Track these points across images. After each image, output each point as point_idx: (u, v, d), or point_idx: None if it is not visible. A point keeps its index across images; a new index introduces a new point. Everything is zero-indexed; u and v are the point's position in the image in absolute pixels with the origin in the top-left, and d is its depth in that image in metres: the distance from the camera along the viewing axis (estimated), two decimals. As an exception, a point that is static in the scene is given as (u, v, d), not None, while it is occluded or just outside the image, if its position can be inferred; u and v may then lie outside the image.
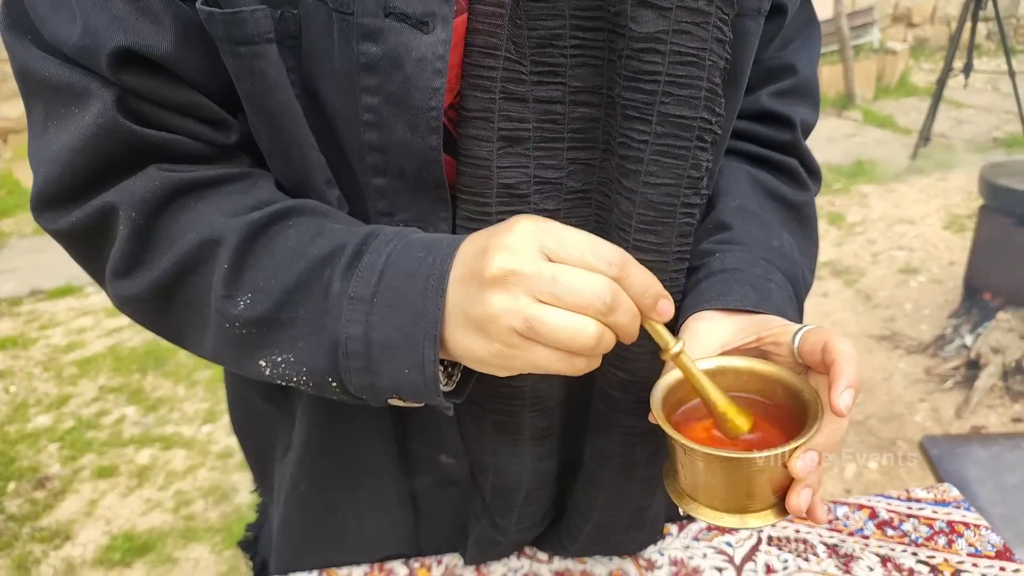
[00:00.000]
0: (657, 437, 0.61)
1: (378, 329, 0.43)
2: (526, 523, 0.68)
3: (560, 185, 0.51)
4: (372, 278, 0.43)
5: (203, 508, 2.00)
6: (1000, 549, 0.69)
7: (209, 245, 0.46)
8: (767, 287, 0.52)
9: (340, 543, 0.76)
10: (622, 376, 0.57)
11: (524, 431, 0.59)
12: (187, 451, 2.21)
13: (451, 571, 0.72)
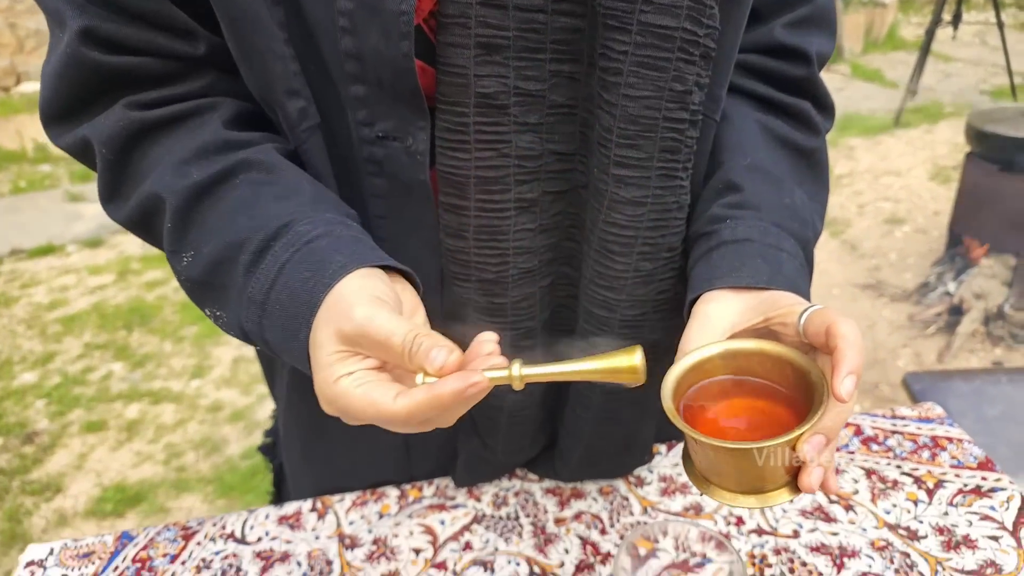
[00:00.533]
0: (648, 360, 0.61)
1: (268, 332, 0.46)
2: (515, 444, 0.68)
3: (542, 98, 0.50)
4: (266, 284, 0.45)
5: (194, 460, 2.01)
6: (982, 461, 0.71)
7: (157, 201, 0.49)
8: (778, 258, 0.51)
9: (333, 465, 0.77)
10: (606, 295, 0.56)
11: (505, 350, 0.59)
12: (176, 405, 2.21)
13: (442, 492, 0.73)
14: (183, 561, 0.68)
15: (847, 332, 0.41)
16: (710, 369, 0.46)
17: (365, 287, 0.43)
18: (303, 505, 0.73)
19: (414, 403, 0.39)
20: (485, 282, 0.56)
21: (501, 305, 0.57)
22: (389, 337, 0.40)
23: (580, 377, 0.41)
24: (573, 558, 0.65)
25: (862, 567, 0.62)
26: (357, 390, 0.40)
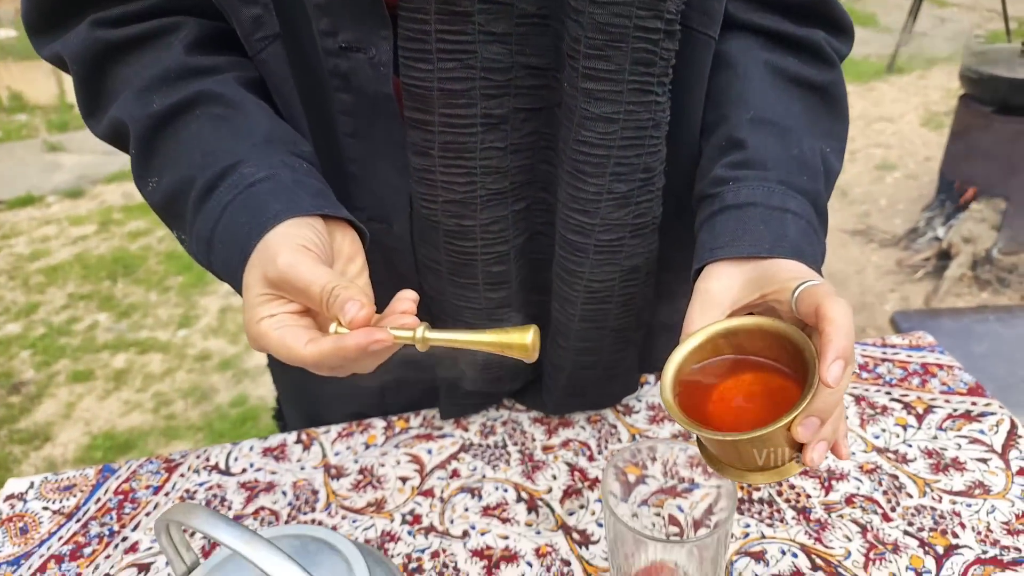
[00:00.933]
0: (626, 288, 0.60)
1: (216, 266, 0.48)
2: (494, 372, 0.67)
3: (510, 6, 0.47)
4: (210, 223, 0.47)
5: (183, 408, 2.01)
6: (972, 387, 0.70)
7: (122, 127, 0.51)
8: (783, 221, 0.48)
9: (313, 398, 0.76)
10: (580, 219, 0.54)
11: (478, 276, 0.58)
12: (163, 355, 2.20)
13: (429, 423, 0.72)
14: (166, 492, 0.67)
15: (835, 315, 0.40)
16: (711, 349, 0.45)
17: (293, 235, 0.44)
18: (288, 437, 0.72)
19: (319, 351, 0.41)
20: (452, 203, 0.54)
21: (469, 228, 0.55)
22: (309, 286, 0.41)
23: (477, 347, 0.43)
24: (561, 483, 0.65)
25: (850, 489, 0.62)
26: (275, 332, 0.42)
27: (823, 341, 0.39)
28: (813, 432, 0.39)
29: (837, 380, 0.38)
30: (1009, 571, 0.54)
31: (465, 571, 0.58)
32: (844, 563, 0.56)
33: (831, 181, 0.55)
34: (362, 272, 0.48)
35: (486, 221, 0.55)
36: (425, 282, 0.61)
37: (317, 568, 0.46)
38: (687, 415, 0.44)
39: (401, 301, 0.44)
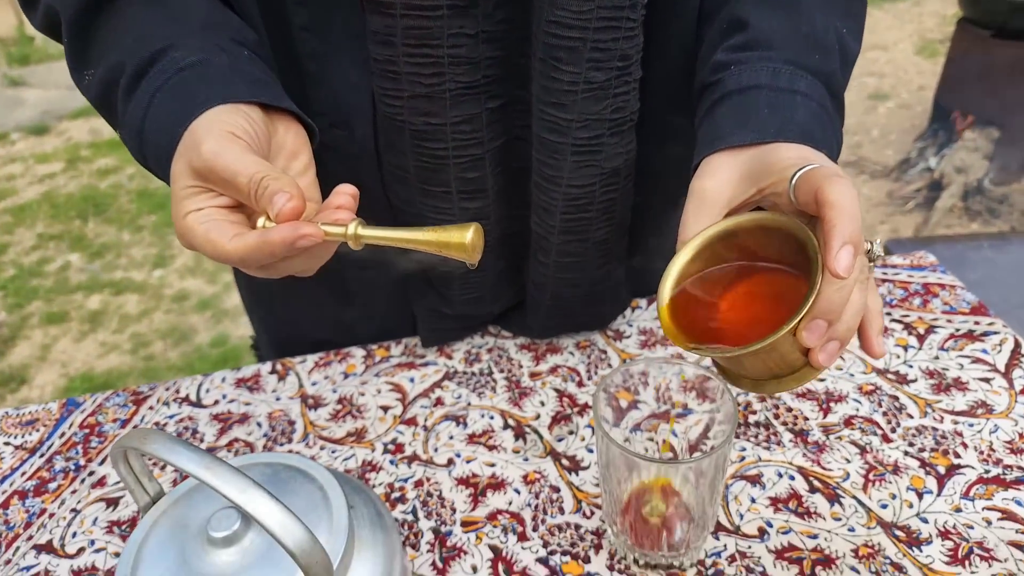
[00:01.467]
0: (607, 193, 0.56)
1: (150, 161, 0.44)
2: (472, 293, 0.63)
3: None
4: (140, 113, 0.43)
5: (162, 349, 1.97)
6: (975, 306, 0.68)
7: (54, 14, 0.47)
8: (791, 104, 0.44)
9: (279, 324, 0.73)
10: (556, 114, 0.50)
11: (451, 183, 0.54)
12: (139, 295, 2.14)
13: (411, 351, 0.69)
14: (135, 425, 0.64)
15: (836, 197, 0.35)
16: (710, 256, 0.41)
17: (221, 121, 0.39)
18: (262, 368, 0.69)
19: (245, 246, 0.38)
20: (418, 98, 0.49)
21: (439, 128, 0.51)
22: (235, 176, 0.38)
23: (414, 245, 0.39)
24: (549, 410, 0.62)
25: (849, 411, 0.59)
26: (200, 227, 0.39)
27: (825, 228, 0.34)
28: (820, 336, 0.36)
29: (848, 269, 0.33)
30: (1012, 490, 0.52)
31: (450, 499, 0.55)
32: (843, 484, 0.54)
33: (848, 63, 0.50)
34: (307, 170, 0.44)
35: (457, 119, 0.51)
36: (392, 193, 0.57)
37: (290, 496, 0.43)
38: (690, 331, 0.40)
39: (338, 195, 0.40)
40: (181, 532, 0.41)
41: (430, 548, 0.52)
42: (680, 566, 0.49)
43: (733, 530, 0.51)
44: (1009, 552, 0.49)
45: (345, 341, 0.70)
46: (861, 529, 0.51)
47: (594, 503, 0.54)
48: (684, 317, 0.41)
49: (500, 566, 0.51)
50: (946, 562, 0.48)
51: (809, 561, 0.49)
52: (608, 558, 0.50)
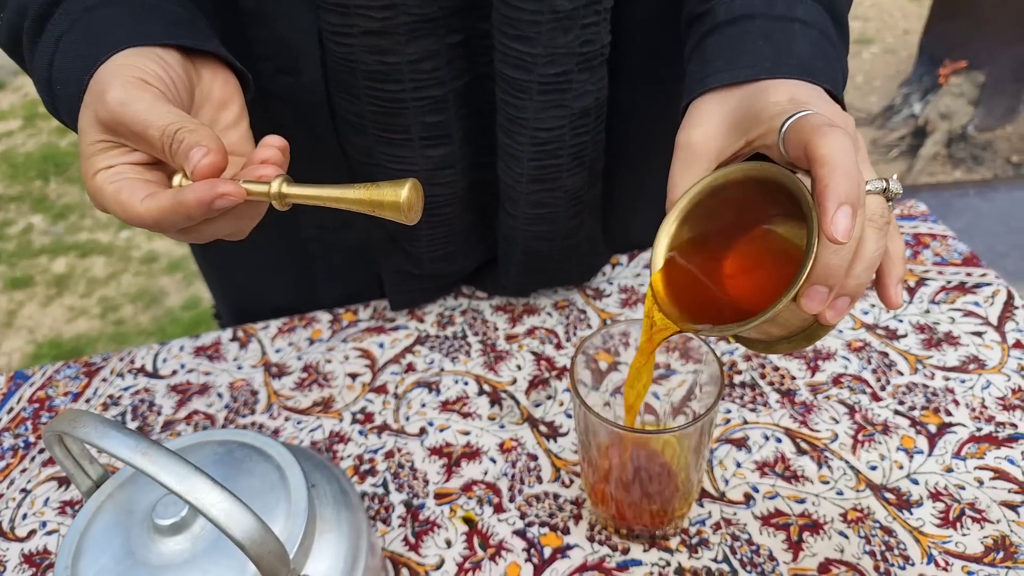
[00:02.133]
0: (577, 136, 0.51)
1: (63, 115, 0.40)
2: (441, 250, 0.60)
3: None
4: (46, 60, 0.39)
5: (132, 313, 1.91)
6: (967, 256, 0.65)
7: None
8: (787, 33, 0.39)
9: (237, 288, 0.69)
10: (519, 48, 0.46)
11: (411, 129, 0.50)
12: (107, 258, 2.08)
13: (380, 314, 0.65)
14: (87, 399, 0.61)
15: (828, 151, 0.31)
16: (701, 215, 0.37)
17: (129, 67, 0.35)
18: (222, 335, 0.65)
19: (158, 207, 0.34)
20: (371, 34, 0.45)
21: (394, 67, 0.46)
22: (145, 129, 0.33)
23: (345, 205, 0.35)
24: (526, 374, 0.59)
25: (837, 369, 0.57)
26: (110, 186, 0.35)
27: (818, 189, 0.31)
28: (822, 302, 0.32)
29: (847, 232, 0.30)
30: (1004, 448, 0.51)
31: (423, 470, 0.53)
32: (831, 446, 0.52)
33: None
34: (239, 122, 0.40)
35: (415, 57, 0.46)
36: (348, 143, 0.53)
37: (244, 478, 0.40)
38: (688, 305, 0.37)
39: (263, 148, 0.36)
40: (126, 519, 0.38)
41: (402, 523, 0.50)
42: (663, 535, 0.47)
43: (718, 496, 0.49)
44: (1001, 513, 0.47)
45: (309, 307, 0.66)
46: (850, 492, 0.49)
47: (573, 471, 0.52)
48: (679, 290, 0.38)
49: (475, 540, 0.48)
50: (937, 524, 0.47)
51: (796, 527, 0.47)
52: (588, 528, 0.48)
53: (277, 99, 0.50)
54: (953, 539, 0.46)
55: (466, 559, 0.47)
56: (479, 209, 0.59)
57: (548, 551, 0.47)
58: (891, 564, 0.45)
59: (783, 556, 0.46)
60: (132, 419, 0.58)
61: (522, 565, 0.47)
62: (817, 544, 0.46)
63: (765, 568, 0.45)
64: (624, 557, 0.46)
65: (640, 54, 0.52)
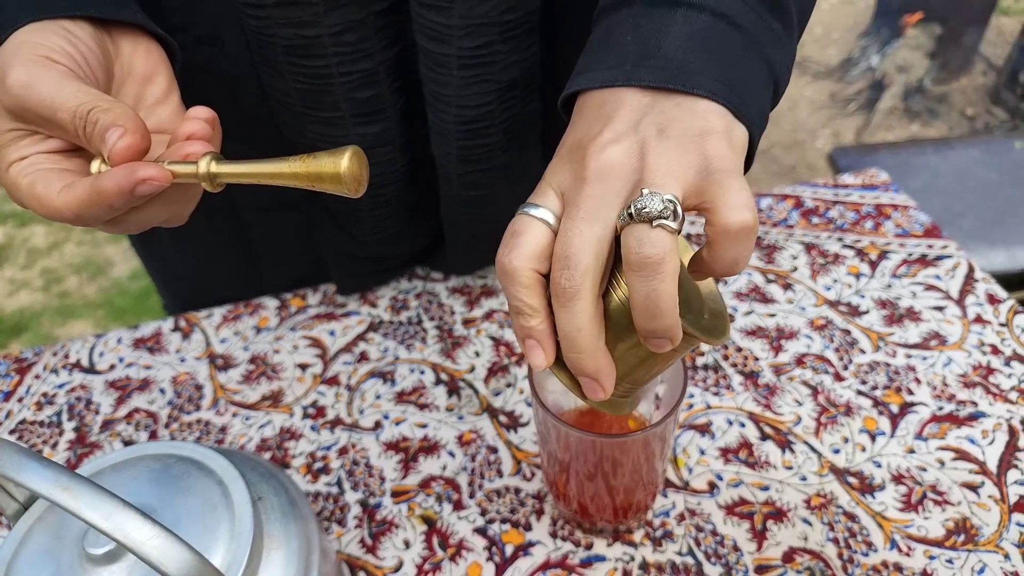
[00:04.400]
0: (507, 111, 0.48)
1: None
2: (386, 231, 0.56)
3: None
4: None
5: (77, 284, 1.84)
6: (928, 228, 0.65)
7: None
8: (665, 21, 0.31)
9: (179, 278, 0.65)
10: (435, 20, 0.42)
11: (340, 105, 0.46)
12: (47, 227, 1.99)
13: (330, 299, 0.62)
14: (20, 398, 0.57)
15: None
16: None
17: (30, 44, 0.31)
18: (163, 325, 0.61)
19: (76, 199, 0.31)
20: (285, 5, 0.41)
21: (315, 40, 0.43)
22: (54, 112, 0.30)
23: (282, 181, 0.31)
24: (485, 361, 0.57)
25: (800, 348, 0.56)
26: (24, 180, 0.32)
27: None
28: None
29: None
30: (965, 427, 0.51)
31: (379, 467, 0.51)
32: (794, 430, 0.51)
33: None
34: (168, 97, 0.36)
35: (336, 28, 0.42)
36: (281, 121, 0.49)
37: (184, 496, 0.37)
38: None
39: (189, 122, 0.33)
40: (57, 546, 0.36)
41: (358, 523, 0.48)
42: (627, 529, 0.46)
43: (682, 486, 0.48)
44: (962, 495, 0.47)
45: (255, 295, 0.63)
46: (813, 477, 0.48)
47: (534, 463, 0.50)
48: None
49: (435, 539, 0.47)
50: (899, 508, 0.46)
51: (760, 515, 0.47)
52: (551, 524, 0.47)
53: (203, 72, 0.46)
54: (915, 523, 0.46)
55: (425, 560, 0.46)
56: (423, 185, 0.56)
57: (510, 549, 0.46)
58: (854, 551, 0.45)
59: (747, 546, 0.45)
60: (68, 419, 0.55)
61: (483, 565, 0.45)
62: (781, 532, 0.46)
63: (730, 559, 0.45)
64: (588, 553, 0.45)
65: (579, 15, 0.48)
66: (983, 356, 0.55)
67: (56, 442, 0.54)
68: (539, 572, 0.45)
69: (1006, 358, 0.55)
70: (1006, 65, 2.09)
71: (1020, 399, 0.52)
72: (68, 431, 0.54)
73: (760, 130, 0.32)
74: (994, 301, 0.58)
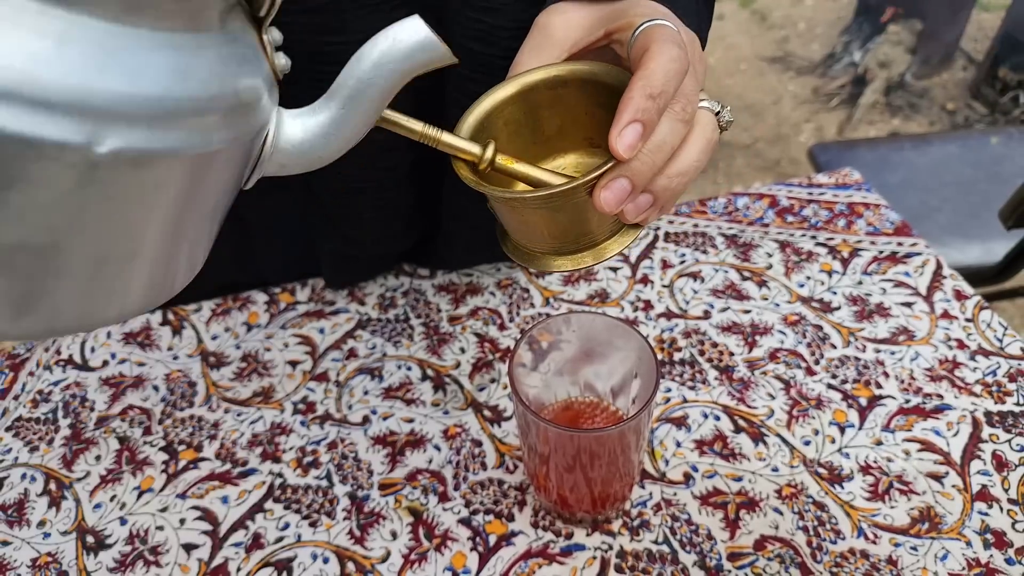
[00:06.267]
0: None
1: None
2: (383, 232, 0.58)
3: None
4: None
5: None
6: (899, 226, 0.67)
7: None
8: None
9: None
10: (487, 20, 0.44)
11: None
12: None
13: (319, 296, 0.64)
14: (15, 396, 0.58)
15: (654, 65, 0.30)
16: (534, 103, 0.36)
17: None
18: (151, 319, 0.62)
19: None
20: (314, 12, 0.42)
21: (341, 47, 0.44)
22: None
23: (546, 192, 0.32)
24: (470, 357, 0.59)
25: (774, 343, 0.58)
26: None
27: (623, 98, 0.31)
28: (618, 200, 0.32)
29: (629, 148, 0.30)
30: (931, 419, 0.53)
31: (367, 461, 0.52)
32: (767, 422, 0.53)
33: None
34: None
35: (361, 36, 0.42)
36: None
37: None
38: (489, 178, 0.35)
39: None
40: None
41: (347, 515, 0.49)
42: (606, 519, 0.48)
43: (658, 477, 0.50)
44: (927, 484, 0.49)
45: (249, 277, 0.64)
46: (784, 468, 0.50)
47: (517, 456, 0.52)
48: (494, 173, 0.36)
49: (421, 530, 0.48)
50: (866, 498, 0.49)
51: (734, 505, 0.49)
52: (532, 515, 0.49)
53: None
54: (881, 512, 0.48)
55: (412, 550, 0.48)
56: (423, 185, 0.57)
57: (493, 539, 0.48)
58: (823, 539, 0.47)
59: (721, 535, 0.47)
60: (64, 416, 0.56)
61: (467, 554, 0.47)
62: (753, 521, 0.48)
63: (704, 547, 0.47)
64: (568, 542, 0.47)
65: None
66: (949, 351, 0.57)
67: (52, 439, 0.55)
68: (521, 561, 0.47)
69: (971, 352, 0.57)
70: (985, 60, 2.12)
71: (984, 392, 0.54)
72: (63, 428, 0.55)
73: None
74: (961, 297, 0.61)
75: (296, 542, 0.48)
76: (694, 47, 0.35)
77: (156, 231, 0.23)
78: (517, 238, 0.36)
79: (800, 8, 2.56)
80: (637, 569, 0.46)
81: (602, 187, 0.31)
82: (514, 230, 0.36)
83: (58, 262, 0.21)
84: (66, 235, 0.21)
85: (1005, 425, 0.52)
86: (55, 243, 0.21)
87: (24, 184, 0.19)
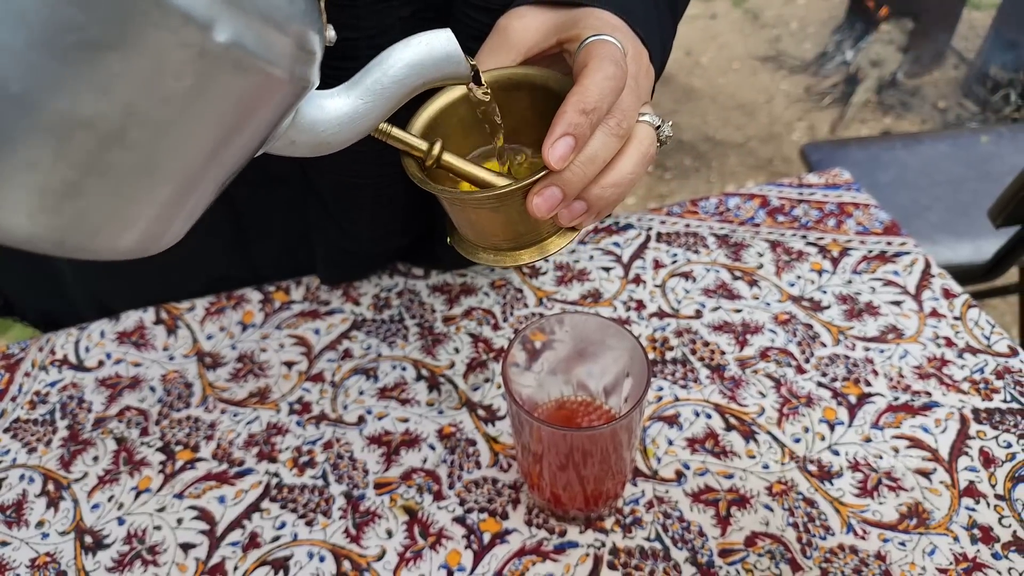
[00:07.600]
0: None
1: None
2: (382, 229, 0.59)
3: None
4: None
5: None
6: (888, 225, 0.68)
7: None
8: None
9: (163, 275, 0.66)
10: (486, 20, 0.44)
11: None
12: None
13: (313, 295, 0.64)
14: (13, 397, 0.58)
15: (589, 82, 0.32)
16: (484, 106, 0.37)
17: None
18: (144, 317, 0.63)
19: None
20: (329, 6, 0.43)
21: (352, 43, 0.44)
22: None
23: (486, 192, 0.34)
24: (464, 357, 0.59)
25: (765, 342, 0.59)
26: None
27: (558, 111, 0.32)
28: (551, 205, 0.33)
29: (560, 160, 0.32)
30: (919, 416, 0.54)
31: (362, 460, 0.53)
32: (758, 420, 0.54)
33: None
34: None
35: (373, 31, 0.45)
36: None
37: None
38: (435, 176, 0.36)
39: None
40: None
41: (342, 514, 0.50)
42: (598, 516, 0.49)
43: (651, 475, 0.51)
44: (915, 480, 0.50)
45: (244, 271, 0.64)
46: (775, 466, 0.51)
47: (511, 455, 0.53)
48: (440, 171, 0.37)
49: (416, 528, 0.49)
50: (856, 495, 0.49)
51: (725, 502, 0.49)
52: (526, 512, 0.49)
53: None
54: (870, 508, 0.49)
55: (407, 548, 0.48)
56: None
57: (487, 537, 0.48)
58: (813, 535, 0.47)
59: (712, 532, 0.48)
60: (61, 417, 0.57)
61: (462, 552, 0.48)
62: (744, 518, 0.48)
63: (695, 544, 0.47)
64: (561, 540, 0.48)
65: None
66: (937, 348, 0.58)
67: (50, 440, 0.55)
68: (515, 559, 0.47)
69: (959, 350, 0.58)
70: (976, 59, 2.14)
71: (972, 390, 0.55)
72: (61, 429, 0.56)
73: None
74: (949, 296, 0.61)
75: (292, 541, 0.49)
76: (639, 61, 0.37)
77: (200, 155, 0.23)
78: (464, 232, 0.38)
79: (792, 7, 2.57)
80: (630, 566, 0.47)
81: (535, 193, 0.33)
82: (460, 225, 0.38)
83: (110, 157, 0.20)
84: (135, 126, 0.20)
85: (992, 422, 0.53)
86: (121, 131, 0.20)
87: (132, 50, 0.18)
